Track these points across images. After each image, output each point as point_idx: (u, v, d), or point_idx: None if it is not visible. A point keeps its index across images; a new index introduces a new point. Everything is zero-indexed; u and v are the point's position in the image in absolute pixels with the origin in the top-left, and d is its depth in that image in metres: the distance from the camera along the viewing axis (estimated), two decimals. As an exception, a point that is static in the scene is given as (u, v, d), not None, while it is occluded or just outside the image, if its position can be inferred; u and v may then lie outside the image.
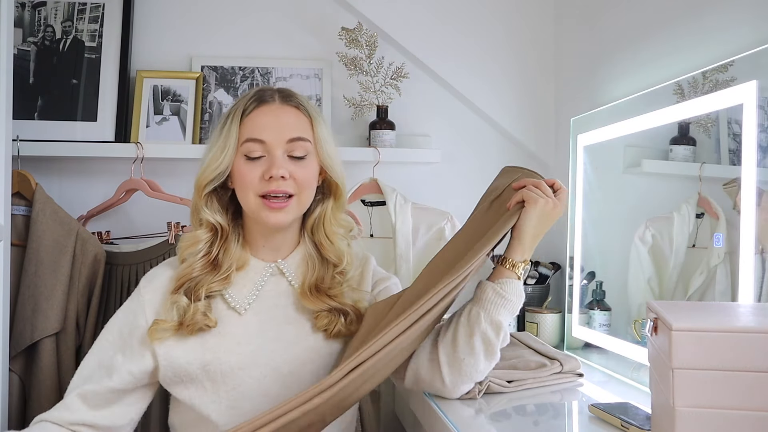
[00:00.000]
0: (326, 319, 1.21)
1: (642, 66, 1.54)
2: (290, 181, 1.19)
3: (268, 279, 1.25)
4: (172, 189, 1.82)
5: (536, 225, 1.17)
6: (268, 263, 1.26)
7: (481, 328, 1.16)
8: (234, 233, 1.25)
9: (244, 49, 2.01)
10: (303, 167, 1.20)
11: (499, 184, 1.28)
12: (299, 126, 1.21)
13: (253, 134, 1.18)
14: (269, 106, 1.21)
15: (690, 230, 1.32)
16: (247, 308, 1.22)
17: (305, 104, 1.24)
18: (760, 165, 1.08)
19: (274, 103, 1.21)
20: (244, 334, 1.20)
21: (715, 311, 0.86)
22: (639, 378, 1.35)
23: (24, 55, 1.89)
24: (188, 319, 1.17)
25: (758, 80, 1.08)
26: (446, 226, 1.90)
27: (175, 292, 1.20)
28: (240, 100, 1.24)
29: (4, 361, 1.46)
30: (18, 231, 1.65)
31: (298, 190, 1.20)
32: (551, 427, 1.17)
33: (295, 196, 1.20)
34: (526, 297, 1.85)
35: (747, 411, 0.74)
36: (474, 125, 2.09)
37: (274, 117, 1.20)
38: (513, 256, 1.18)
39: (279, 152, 1.18)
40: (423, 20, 2.01)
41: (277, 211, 1.19)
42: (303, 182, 1.20)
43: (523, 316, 1.84)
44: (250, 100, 1.21)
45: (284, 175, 1.17)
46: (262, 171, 1.18)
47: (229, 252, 1.23)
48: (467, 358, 1.16)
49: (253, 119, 1.20)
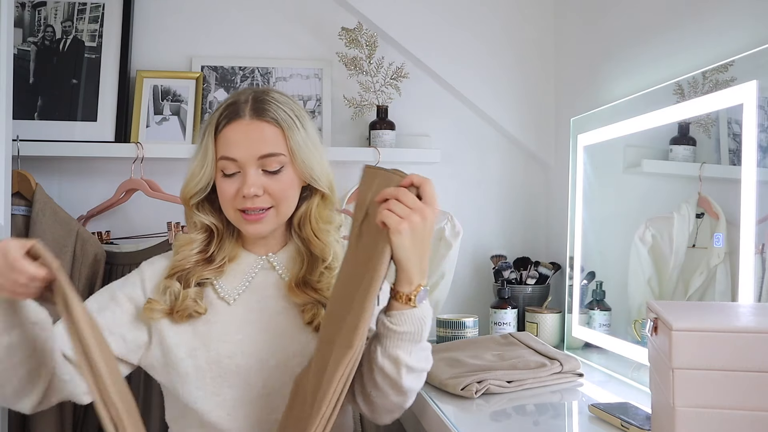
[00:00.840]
0: (310, 313, 1.21)
1: (642, 66, 1.54)
2: (265, 196, 1.19)
3: (259, 272, 1.27)
4: (172, 189, 1.82)
5: (412, 249, 1.01)
6: (259, 256, 1.28)
7: (379, 364, 1.07)
8: (229, 230, 1.27)
9: (244, 49, 2.01)
10: (278, 180, 1.20)
11: (362, 198, 1.12)
12: (270, 141, 1.19)
13: (226, 152, 1.19)
14: (239, 123, 1.19)
15: (690, 230, 1.32)
16: (237, 298, 1.23)
17: (277, 115, 1.20)
18: (760, 165, 1.08)
19: (244, 119, 1.19)
20: (233, 323, 1.21)
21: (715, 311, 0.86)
22: (639, 378, 1.35)
23: (24, 55, 1.89)
24: (179, 305, 1.18)
25: (758, 80, 1.08)
26: (446, 226, 1.90)
27: (168, 277, 1.21)
28: (215, 110, 1.23)
29: (4, 361, 1.46)
30: (18, 231, 1.65)
31: (275, 202, 1.20)
32: (551, 427, 1.17)
33: (273, 207, 1.20)
34: (526, 297, 1.89)
35: (747, 411, 0.74)
36: (474, 125, 2.09)
37: (243, 134, 1.18)
38: (401, 289, 1.04)
39: (251, 169, 1.18)
40: (423, 20, 2.01)
41: (255, 223, 1.20)
42: (279, 195, 1.20)
43: (523, 316, 1.84)
44: (222, 115, 1.20)
45: (257, 193, 1.17)
46: (237, 187, 1.19)
47: (223, 248, 1.26)
48: (374, 391, 1.10)
49: (225, 135, 1.19)
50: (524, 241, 2.09)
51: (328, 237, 1.27)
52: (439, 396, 1.27)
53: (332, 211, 1.29)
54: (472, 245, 2.05)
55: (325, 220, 1.27)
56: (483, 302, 1.99)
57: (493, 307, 1.83)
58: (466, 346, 1.51)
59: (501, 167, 2.10)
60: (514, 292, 1.89)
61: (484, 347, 1.49)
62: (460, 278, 2.01)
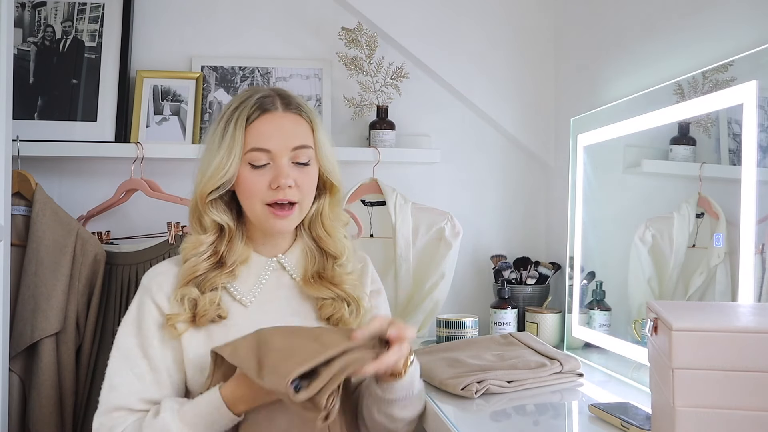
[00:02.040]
0: (330, 308, 1.24)
1: (642, 66, 1.54)
2: (295, 188, 1.20)
3: (271, 274, 1.27)
4: (172, 189, 1.82)
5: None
6: (269, 258, 1.28)
7: (375, 419, 1.20)
8: (239, 231, 1.27)
9: (244, 49, 2.01)
10: (306, 174, 1.22)
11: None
12: (302, 133, 1.23)
13: (259, 143, 1.19)
14: (273, 114, 1.21)
15: (690, 230, 1.32)
16: (253, 300, 1.24)
17: (305, 109, 1.25)
18: (760, 165, 1.08)
19: (277, 110, 1.22)
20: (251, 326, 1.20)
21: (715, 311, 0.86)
22: (639, 378, 1.35)
23: (24, 55, 1.89)
24: (201, 311, 1.18)
25: (758, 80, 1.08)
26: (446, 226, 1.90)
27: (183, 286, 1.20)
28: (240, 105, 1.22)
29: (4, 361, 1.46)
30: (18, 231, 1.65)
31: (301, 197, 1.22)
32: (551, 427, 1.17)
33: (298, 203, 1.22)
34: (526, 297, 1.89)
35: (747, 411, 0.74)
36: (474, 125, 2.09)
37: (278, 125, 1.21)
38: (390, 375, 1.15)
39: (284, 160, 1.20)
40: (423, 20, 2.00)
41: (282, 219, 1.21)
42: (306, 189, 1.23)
43: (523, 316, 1.84)
44: (253, 108, 1.21)
45: (291, 184, 1.19)
46: (269, 179, 1.19)
47: (233, 250, 1.25)
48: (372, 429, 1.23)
49: (258, 128, 1.20)
50: (524, 241, 2.09)
51: (339, 234, 1.30)
52: (439, 396, 1.27)
53: (340, 208, 1.32)
54: (472, 245, 2.05)
55: (336, 217, 1.31)
56: (483, 302, 1.99)
57: (493, 307, 1.83)
58: (466, 346, 1.51)
59: (501, 167, 2.10)
60: (514, 292, 1.89)
61: (484, 347, 1.49)
62: (460, 278, 2.01)
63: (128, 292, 1.70)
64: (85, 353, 1.67)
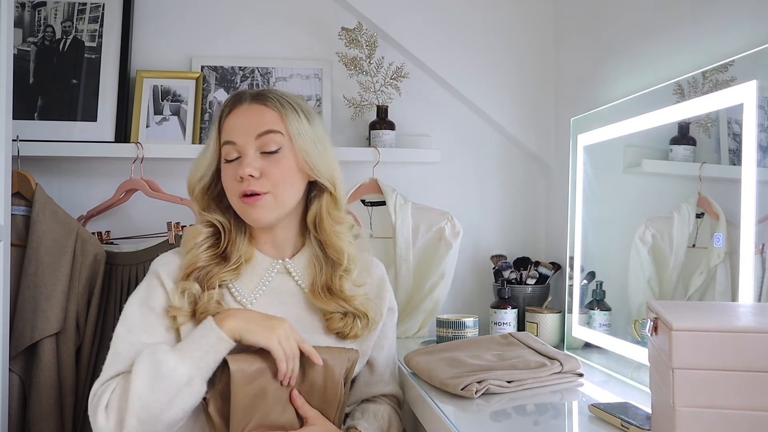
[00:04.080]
0: (341, 322, 1.24)
1: (642, 66, 1.54)
2: (263, 179, 1.19)
3: (275, 276, 1.26)
4: (172, 189, 1.82)
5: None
6: (274, 260, 1.27)
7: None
8: (239, 229, 1.27)
9: (244, 49, 2.01)
10: (275, 162, 1.20)
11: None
12: (267, 121, 1.21)
13: (227, 137, 1.22)
14: (240, 108, 1.23)
15: (690, 230, 1.32)
16: (254, 302, 1.23)
17: (276, 101, 1.23)
18: (760, 165, 1.08)
19: (244, 104, 1.23)
20: None
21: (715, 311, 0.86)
22: (639, 378, 1.35)
23: (24, 55, 1.89)
24: (201, 307, 1.18)
25: (758, 80, 1.08)
26: (446, 226, 1.90)
27: (184, 279, 1.20)
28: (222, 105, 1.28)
29: (4, 361, 1.46)
30: (18, 231, 1.65)
31: (272, 186, 1.20)
32: (551, 427, 1.17)
33: (270, 193, 1.20)
34: (526, 297, 1.89)
35: (747, 411, 0.74)
36: (474, 125, 2.09)
37: (243, 117, 1.22)
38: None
39: (251, 151, 1.20)
40: (423, 20, 2.00)
41: (253, 207, 1.19)
42: (276, 177, 1.20)
43: (523, 316, 1.84)
44: (227, 105, 1.25)
45: (252, 173, 1.18)
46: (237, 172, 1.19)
47: (236, 245, 1.25)
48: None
49: (228, 122, 1.23)
50: (524, 241, 2.09)
51: (343, 239, 1.27)
52: (439, 396, 1.27)
53: (341, 211, 1.30)
54: (472, 245, 2.05)
55: (335, 220, 1.28)
56: (483, 302, 1.99)
57: (493, 307, 1.83)
58: (466, 346, 1.51)
59: (501, 167, 2.10)
60: (514, 292, 1.89)
61: (484, 347, 1.49)
62: (460, 278, 2.01)
63: (128, 292, 1.69)
64: (85, 353, 1.67)
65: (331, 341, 1.24)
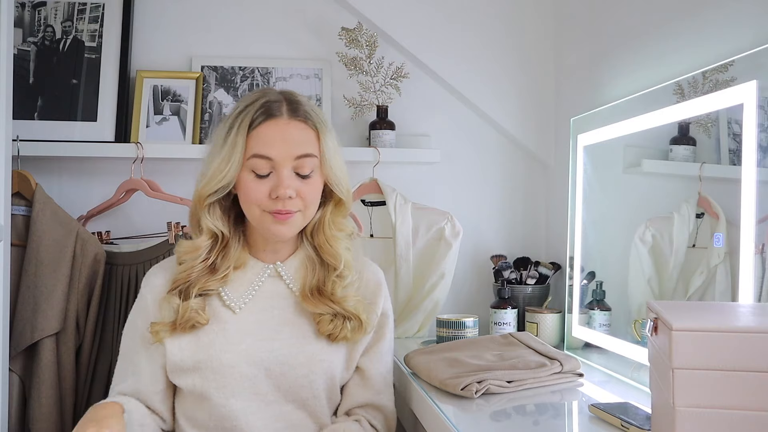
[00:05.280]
0: (330, 324, 1.22)
1: (642, 66, 1.54)
2: (296, 199, 1.18)
3: (266, 280, 1.26)
4: (172, 189, 1.82)
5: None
6: (267, 264, 1.27)
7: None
8: (235, 237, 1.25)
9: (244, 49, 2.01)
10: (309, 184, 1.20)
11: None
12: (306, 142, 1.19)
13: (261, 150, 1.16)
14: (277, 121, 1.17)
15: (690, 230, 1.32)
16: (243, 307, 1.23)
17: (312, 116, 1.21)
18: (760, 165, 1.08)
19: (282, 117, 1.18)
20: (237, 333, 1.20)
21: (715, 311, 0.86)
22: (639, 378, 1.35)
23: (24, 55, 1.89)
24: (180, 318, 1.18)
25: (758, 80, 1.08)
26: (446, 226, 1.90)
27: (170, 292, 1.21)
28: (246, 108, 1.19)
29: (4, 361, 1.46)
30: (18, 231, 1.65)
31: (303, 206, 1.20)
32: (551, 427, 1.17)
33: (300, 211, 1.20)
34: (526, 297, 1.89)
35: (747, 411, 0.74)
36: (474, 125, 2.09)
37: (281, 133, 1.17)
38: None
39: (286, 170, 1.17)
40: (423, 20, 2.00)
41: (282, 224, 1.18)
42: (308, 199, 1.20)
43: (523, 316, 1.84)
44: (258, 113, 1.17)
45: (291, 195, 1.17)
46: (269, 189, 1.17)
47: (228, 256, 1.24)
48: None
49: (261, 134, 1.17)
50: (524, 241, 2.09)
51: (340, 245, 1.26)
52: (439, 396, 1.27)
53: (345, 218, 1.29)
54: (472, 245, 2.05)
55: (337, 227, 1.27)
56: (483, 302, 1.99)
57: (493, 307, 1.83)
58: (466, 346, 1.51)
59: (501, 167, 2.10)
60: (514, 292, 1.89)
61: (484, 347, 1.49)
62: (460, 278, 2.01)
63: (128, 292, 1.70)
64: (85, 353, 1.67)
65: (323, 344, 1.23)
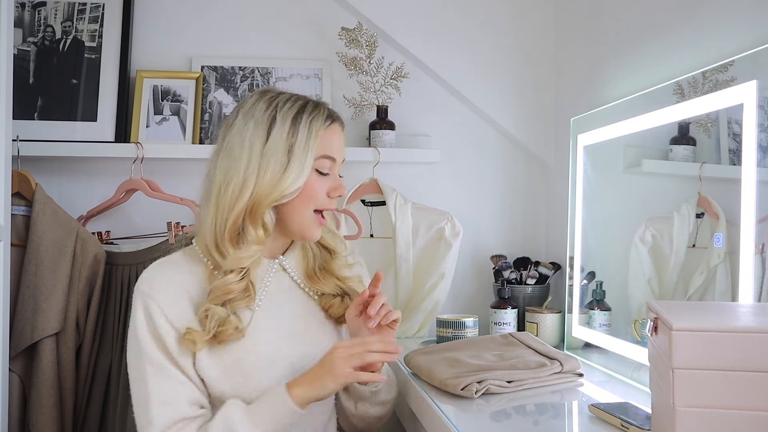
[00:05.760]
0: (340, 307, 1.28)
1: (642, 66, 1.54)
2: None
3: (273, 276, 1.27)
4: (172, 189, 1.82)
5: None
6: (272, 260, 1.28)
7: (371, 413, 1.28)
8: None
9: (244, 49, 2.01)
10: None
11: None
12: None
13: (329, 152, 1.23)
14: (336, 127, 1.26)
15: (690, 230, 1.32)
16: (260, 305, 1.23)
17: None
18: (760, 165, 1.08)
19: (339, 122, 1.28)
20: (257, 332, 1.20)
21: (715, 311, 0.86)
22: (639, 378, 1.35)
23: (24, 55, 1.89)
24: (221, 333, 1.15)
25: (758, 80, 1.08)
26: (446, 226, 1.90)
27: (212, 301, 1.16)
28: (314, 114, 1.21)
29: (4, 361, 1.46)
30: (18, 231, 1.65)
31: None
32: (551, 427, 1.17)
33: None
34: (526, 297, 1.89)
35: (747, 411, 0.74)
36: (474, 125, 2.09)
37: (339, 137, 1.27)
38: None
39: (337, 171, 1.27)
40: (423, 20, 2.00)
41: (320, 226, 1.25)
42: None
43: (523, 316, 1.84)
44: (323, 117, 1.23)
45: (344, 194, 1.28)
46: (327, 188, 1.24)
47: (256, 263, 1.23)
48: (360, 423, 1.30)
49: (328, 137, 1.24)
50: (524, 241, 2.09)
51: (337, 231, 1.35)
52: (439, 396, 1.27)
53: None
54: (472, 245, 2.05)
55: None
56: (483, 302, 1.99)
57: (493, 307, 1.83)
58: (466, 346, 1.51)
59: (501, 167, 2.10)
60: (514, 292, 1.89)
61: (484, 347, 1.49)
62: (460, 278, 2.01)
63: (128, 292, 1.69)
64: (85, 353, 1.67)
65: (330, 328, 1.28)
